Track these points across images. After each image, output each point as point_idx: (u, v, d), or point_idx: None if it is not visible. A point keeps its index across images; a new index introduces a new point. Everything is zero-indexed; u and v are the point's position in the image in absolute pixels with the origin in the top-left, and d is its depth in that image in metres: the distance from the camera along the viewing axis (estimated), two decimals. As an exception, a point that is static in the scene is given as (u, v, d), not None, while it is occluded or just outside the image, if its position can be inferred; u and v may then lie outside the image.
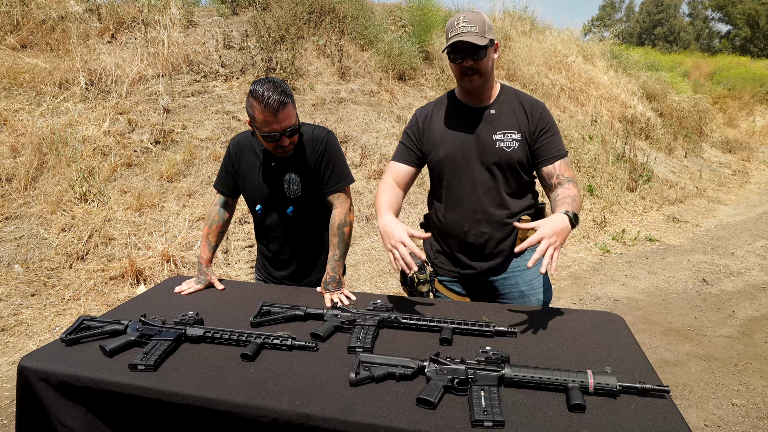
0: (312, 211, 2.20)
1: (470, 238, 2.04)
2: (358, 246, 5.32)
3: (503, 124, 1.97)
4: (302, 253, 2.27)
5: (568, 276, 5.36)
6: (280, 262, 2.28)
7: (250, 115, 1.91)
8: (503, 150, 1.95)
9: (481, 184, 1.99)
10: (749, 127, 15.31)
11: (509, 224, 2.03)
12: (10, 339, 3.66)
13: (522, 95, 2.04)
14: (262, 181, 2.13)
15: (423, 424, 1.24)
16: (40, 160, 4.98)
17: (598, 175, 8.30)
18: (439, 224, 2.15)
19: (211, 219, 2.26)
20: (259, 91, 1.84)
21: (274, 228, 2.20)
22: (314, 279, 2.29)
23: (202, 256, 2.24)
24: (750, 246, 6.36)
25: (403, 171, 2.13)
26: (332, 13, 8.24)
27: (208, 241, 2.25)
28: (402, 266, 1.73)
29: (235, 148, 2.18)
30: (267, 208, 2.17)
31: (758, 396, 3.15)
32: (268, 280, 2.36)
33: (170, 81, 6.29)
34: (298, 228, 2.20)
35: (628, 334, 1.72)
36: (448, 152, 2.01)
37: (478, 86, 1.94)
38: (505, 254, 2.07)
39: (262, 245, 2.32)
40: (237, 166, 2.19)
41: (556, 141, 1.98)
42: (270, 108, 1.84)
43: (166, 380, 1.45)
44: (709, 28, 42.76)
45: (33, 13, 6.38)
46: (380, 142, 6.69)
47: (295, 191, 2.11)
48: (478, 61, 1.86)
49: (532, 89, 9.48)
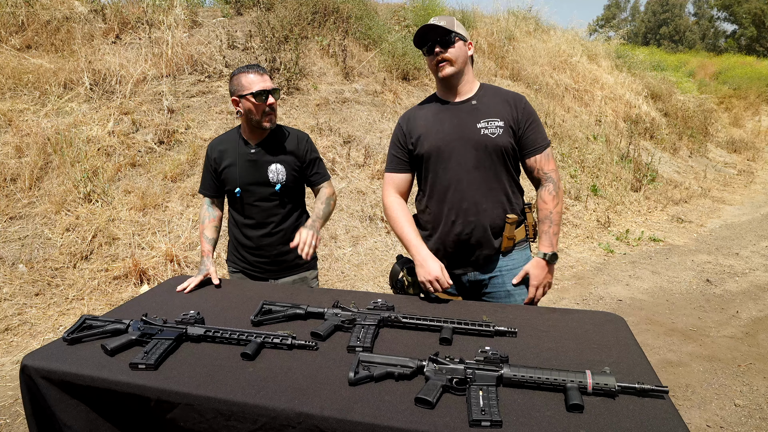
0: (291, 198, 2.41)
1: (457, 228, 2.06)
2: (361, 246, 5.33)
3: (485, 113, 2.03)
4: (281, 237, 2.39)
5: (571, 276, 5.35)
6: (258, 248, 2.39)
7: (238, 86, 2.19)
8: (488, 136, 1.99)
9: (466, 173, 2.02)
10: (755, 126, 15.23)
11: (496, 214, 2.05)
12: (14, 338, 3.68)
13: (502, 90, 2.12)
14: (246, 167, 2.30)
15: (421, 423, 1.24)
16: (45, 160, 5.01)
17: (603, 175, 8.27)
18: (426, 220, 2.17)
19: (203, 218, 2.43)
20: (242, 67, 2.22)
21: (255, 214, 2.35)
22: (290, 263, 2.43)
23: (203, 249, 2.37)
24: (754, 246, 6.33)
25: (401, 180, 2.20)
26: (336, 13, 8.25)
27: (205, 236, 2.40)
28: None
29: (213, 150, 2.37)
30: (250, 194, 2.32)
31: (761, 397, 3.13)
32: (246, 269, 2.46)
33: (174, 81, 6.31)
34: (279, 212, 2.37)
35: (628, 335, 1.72)
36: (432, 144, 2.06)
37: (451, 75, 2.01)
38: (494, 247, 2.08)
39: (240, 233, 2.42)
40: (219, 162, 2.35)
41: (539, 131, 2.07)
42: (256, 70, 2.20)
43: (166, 379, 1.45)
44: (714, 27, 42.53)
45: (38, 14, 6.42)
46: (384, 143, 6.69)
47: (281, 179, 2.32)
48: (448, 46, 1.98)
49: (537, 89, 9.47)
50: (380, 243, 5.43)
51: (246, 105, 2.20)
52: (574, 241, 6.37)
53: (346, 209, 5.71)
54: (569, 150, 8.48)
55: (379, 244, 5.40)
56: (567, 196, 7.39)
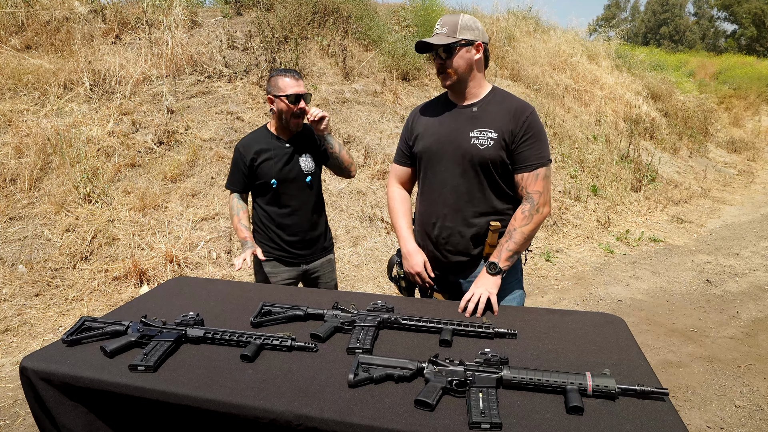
0: (317, 185, 2.69)
1: (435, 231, 2.08)
2: (361, 246, 5.33)
3: (482, 122, 1.99)
4: (313, 221, 2.65)
5: (571, 276, 5.34)
6: (293, 233, 2.61)
7: (274, 87, 2.40)
8: (476, 147, 1.97)
9: (451, 179, 2.02)
10: (755, 126, 15.22)
11: (476, 222, 2.03)
12: (13, 339, 3.68)
13: (512, 98, 2.05)
14: (282, 161, 2.53)
15: (421, 425, 1.24)
16: (45, 161, 5.01)
17: (603, 175, 8.27)
18: (417, 217, 2.22)
19: (237, 209, 2.63)
20: (280, 69, 2.44)
21: (290, 202, 2.57)
22: (317, 234, 2.69)
23: (243, 236, 2.59)
24: (755, 246, 6.33)
25: (404, 172, 2.28)
26: (336, 14, 8.24)
27: (242, 224, 2.61)
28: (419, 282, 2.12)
29: (245, 148, 2.53)
30: (286, 185, 2.54)
31: (761, 398, 3.13)
32: (281, 256, 2.63)
33: (174, 81, 6.31)
34: (311, 200, 2.63)
35: (628, 336, 1.72)
36: (426, 145, 2.08)
37: (450, 85, 2.02)
38: (470, 253, 2.07)
39: (275, 222, 2.61)
40: (254, 159, 2.51)
41: (536, 148, 1.97)
42: (292, 75, 2.40)
43: (165, 381, 1.45)
44: (714, 27, 42.54)
45: (37, 14, 6.41)
46: (384, 143, 6.69)
47: (310, 169, 2.59)
48: (446, 59, 1.97)
49: (537, 89, 9.46)
50: (380, 243, 5.43)
51: (279, 105, 2.42)
52: (574, 242, 6.37)
53: (346, 209, 5.71)
54: (569, 150, 8.48)
55: (379, 244, 5.40)
56: (567, 196, 7.39)
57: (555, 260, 5.75)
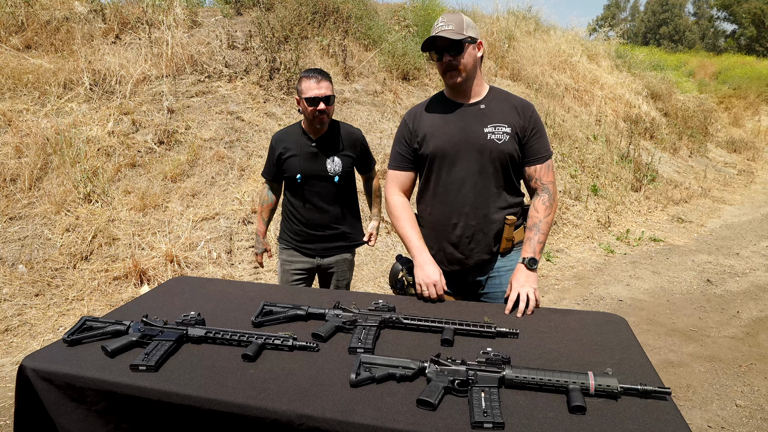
0: (346, 186, 2.74)
1: (458, 231, 2.06)
2: (361, 246, 5.32)
3: (493, 117, 2.01)
4: (335, 220, 2.73)
5: (572, 276, 5.34)
6: (313, 228, 2.70)
7: (300, 88, 2.49)
8: (494, 142, 1.98)
9: (470, 177, 2.01)
10: (754, 126, 15.24)
11: (496, 218, 2.05)
12: (13, 339, 3.68)
13: (512, 96, 2.10)
14: (306, 158, 2.61)
15: (423, 425, 1.23)
16: (45, 161, 5.00)
17: (603, 175, 8.27)
18: (427, 219, 2.16)
19: (263, 199, 2.85)
20: (308, 70, 2.51)
21: (314, 200, 2.65)
22: (338, 232, 2.75)
23: (259, 229, 2.90)
24: (755, 246, 6.33)
25: (405, 177, 2.21)
26: (336, 13, 8.24)
27: (262, 217, 2.87)
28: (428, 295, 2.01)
29: (277, 141, 2.68)
30: (309, 183, 2.63)
31: (762, 397, 3.13)
32: (298, 247, 2.75)
33: (174, 81, 6.31)
34: (336, 200, 2.69)
35: (629, 336, 1.72)
36: (437, 145, 2.05)
37: (460, 83, 2.00)
38: (492, 250, 2.08)
39: (298, 214, 2.71)
40: (282, 150, 2.64)
41: (543, 142, 2.06)
42: (315, 77, 2.46)
43: (167, 381, 1.45)
44: (714, 27, 42.53)
45: (37, 14, 6.40)
46: (384, 143, 6.68)
47: (338, 171, 2.64)
48: (456, 56, 1.94)
49: (537, 89, 9.46)
50: (380, 243, 5.43)
51: (303, 105, 2.51)
52: (575, 242, 6.37)
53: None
54: (569, 150, 8.48)
55: (379, 244, 5.39)
56: (567, 196, 7.39)
57: (555, 260, 5.75)
